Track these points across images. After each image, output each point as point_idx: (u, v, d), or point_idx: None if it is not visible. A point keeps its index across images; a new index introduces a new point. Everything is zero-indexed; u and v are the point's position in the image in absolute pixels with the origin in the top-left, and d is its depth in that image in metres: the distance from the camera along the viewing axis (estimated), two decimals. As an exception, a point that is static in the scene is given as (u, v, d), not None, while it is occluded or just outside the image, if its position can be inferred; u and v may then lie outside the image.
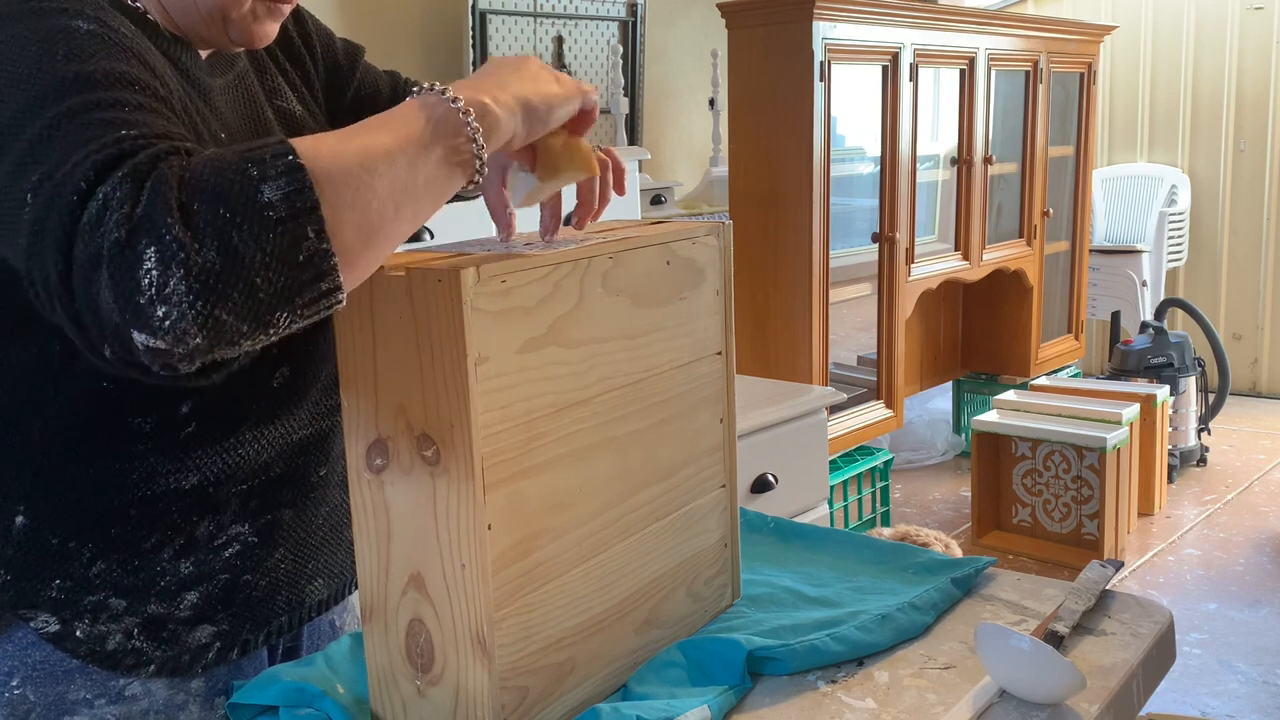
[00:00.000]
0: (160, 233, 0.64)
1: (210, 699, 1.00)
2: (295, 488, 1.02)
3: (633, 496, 0.99)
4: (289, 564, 1.03)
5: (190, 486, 0.95)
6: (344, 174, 0.70)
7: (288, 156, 0.68)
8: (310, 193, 0.67)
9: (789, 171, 3.31)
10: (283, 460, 1.00)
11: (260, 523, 1.00)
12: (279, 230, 0.66)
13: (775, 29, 3.26)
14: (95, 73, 0.76)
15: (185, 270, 0.64)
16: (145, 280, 0.64)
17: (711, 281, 1.08)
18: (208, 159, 0.68)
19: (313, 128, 1.09)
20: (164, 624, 0.96)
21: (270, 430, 0.98)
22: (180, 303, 0.64)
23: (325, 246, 0.68)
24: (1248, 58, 5.34)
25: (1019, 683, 0.93)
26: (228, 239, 0.65)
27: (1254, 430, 4.86)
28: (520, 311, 0.86)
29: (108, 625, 0.94)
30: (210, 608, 0.98)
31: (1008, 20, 4.12)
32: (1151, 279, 5.25)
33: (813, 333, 3.37)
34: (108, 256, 0.64)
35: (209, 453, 0.95)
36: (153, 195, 0.65)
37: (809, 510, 2.61)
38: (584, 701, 0.96)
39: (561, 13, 3.55)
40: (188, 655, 0.98)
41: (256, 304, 0.66)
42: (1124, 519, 3.60)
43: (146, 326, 0.64)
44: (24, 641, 0.94)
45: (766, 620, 1.08)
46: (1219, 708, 2.68)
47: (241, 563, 0.99)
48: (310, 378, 1.00)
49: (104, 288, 0.65)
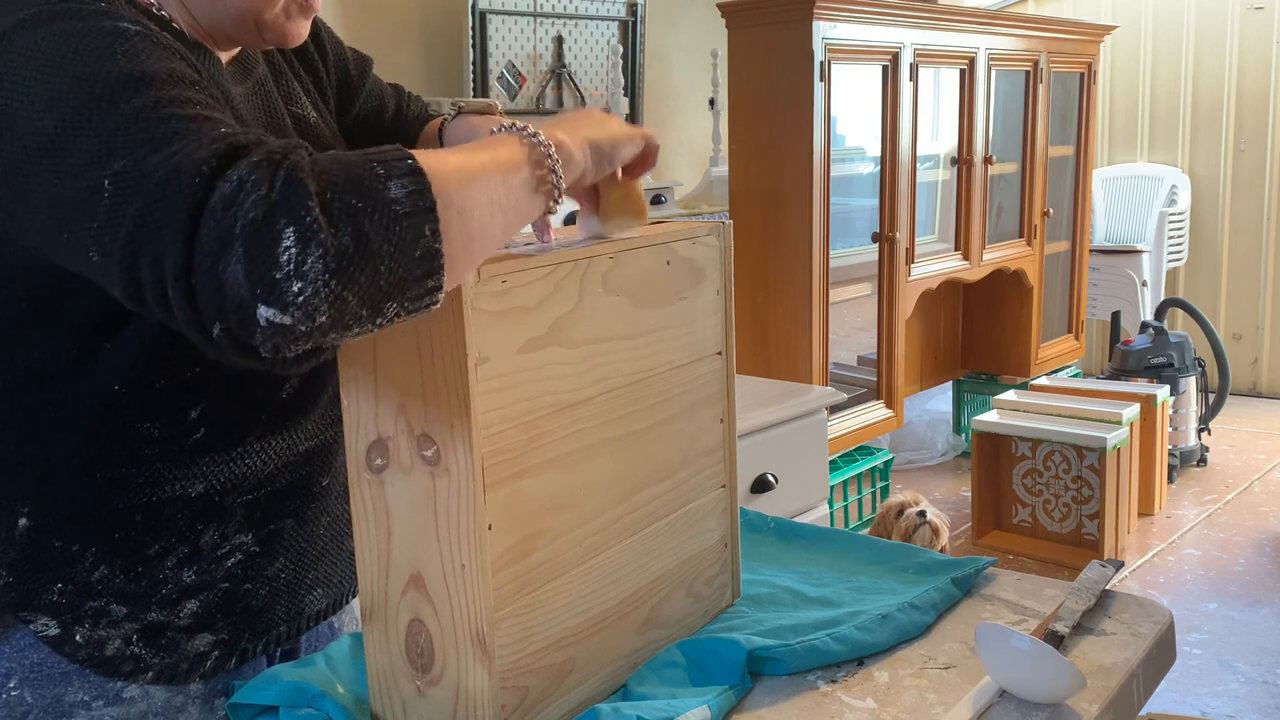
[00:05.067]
0: (300, 213, 0.67)
1: (210, 700, 1.00)
2: (299, 498, 1.02)
3: (633, 496, 0.99)
4: (289, 573, 1.04)
5: (196, 494, 0.95)
6: (453, 183, 0.74)
7: (408, 160, 0.72)
8: (429, 194, 0.72)
9: (789, 171, 3.31)
10: (288, 471, 1.00)
11: (263, 532, 1.00)
12: (404, 224, 0.70)
13: (775, 29, 3.26)
14: (160, 72, 0.78)
15: (324, 250, 0.67)
16: (284, 257, 0.66)
17: (711, 281, 1.08)
18: (333, 155, 0.72)
19: (326, 135, 1.10)
20: (163, 632, 0.96)
21: (277, 441, 0.99)
22: (316, 280, 0.67)
23: (438, 245, 0.72)
24: (1248, 58, 5.33)
25: (1019, 683, 0.93)
26: (360, 226, 0.68)
27: (1254, 430, 4.86)
28: (520, 311, 0.86)
29: (107, 631, 0.94)
30: (210, 616, 0.98)
31: (1008, 20, 4.12)
32: (1151, 279, 5.25)
33: (813, 333, 3.36)
34: (243, 234, 0.67)
35: (216, 461, 0.95)
36: (289, 179, 0.68)
37: (809, 510, 2.61)
38: (584, 701, 0.96)
39: (561, 13, 3.54)
40: (185, 664, 0.98)
41: (378, 291, 0.70)
42: (1124, 519, 3.60)
43: (279, 301, 0.67)
44: (22, 643, 0.94)
45: (766, 620, 1.08)
46: (1219, 708, 2.67)
47: (242, 571, 0.99)
48: (318, 390, 1.01)
49: (235, 264, 0.67)
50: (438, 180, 0.73)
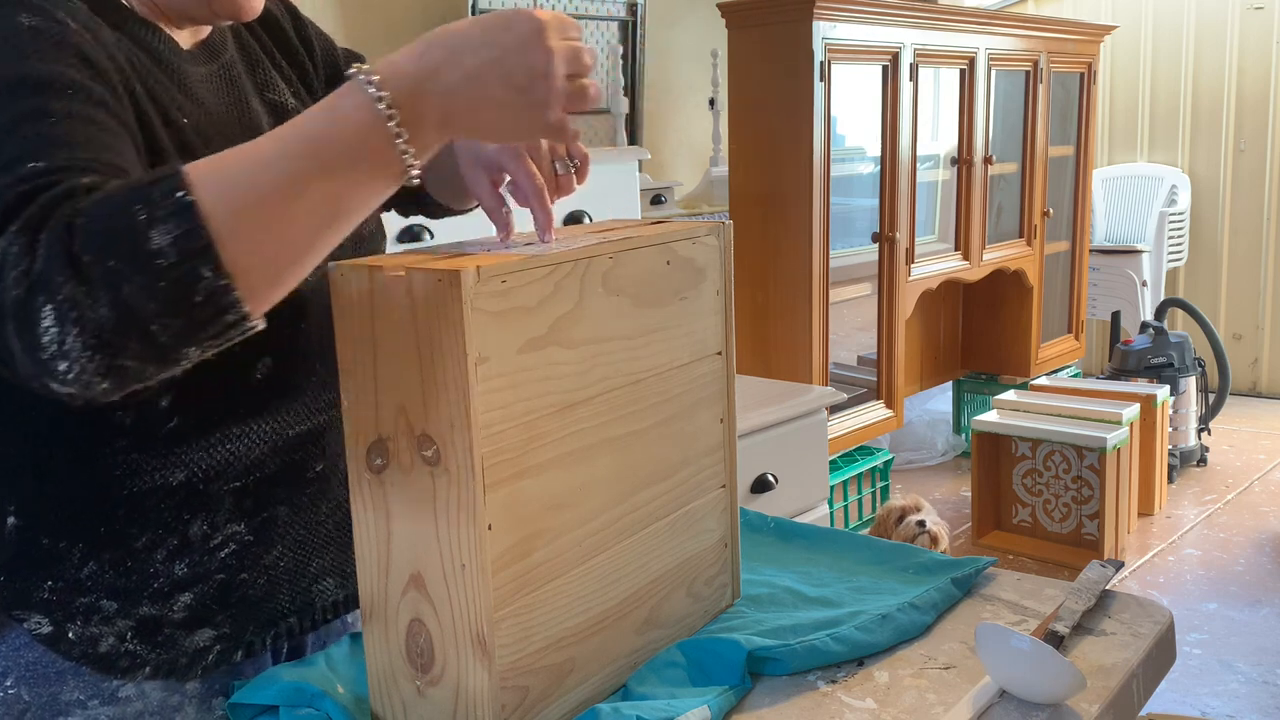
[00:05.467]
0: (54, 291, 0.65)
1: (207, 700, 0.98)
2: (290, 484, 1.00)
3: (633, 496, 0.99)
4: (289, 561, 1.01)
5: (178, 483, 0.93)
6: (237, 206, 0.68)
7: (177, 194, 0.67)
8: (201, 233, 0.67)
9: (789, 171, 3.31)
10: (277, 457, 0.98)
11: (256, 521, 0.98)
12: (171, 277, 0.66)
13: (775, 29, 3.26)
14: (28, 77, 0.75)
15: (80, 328, 0.65)
16: (46, 338, 0.65)
17: (711, 281, 1.08)
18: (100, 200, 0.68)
19: None
20: (159, 627, 0.95)
21: (261, 425, 0.96)
22: (79, 358, 0.66)
23: (224, 283, 0.67)
24: (1248, 58, 5.33)
25: (1019, 683, 0.93)
26: (118, 292, 0.65)
27: (1254, 430, 4.86)
28: (520, 311, 0.86)
29: (100, 628, 0.93)
30: (206, 609, 0.97)
31: (1008, 20, 4.12)
32: (1151, 279, 5.25)
33: (813, 333, 3.37)
34: (10, 312, 0.66)
35: (194, 448, 0.93)
36: (48, 249, 0.65)
37: (809, 510, 2.61)
38: (584, 701, 0.96)
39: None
40: (185, 659, 0.97)
41: (158, 348, 0.68)
42: (1124, 519, 3.60)
43: (55, 378, 0.66)
44: (18, 642, 0.94)
45: (766, 620, 1.08)
46: (1219, 708, 2.68)
47: (237, 562, 0.97)
48: (300, 371, 0.98)
49: (11, 337, 0.67)
50: (216, 211, 0.67)
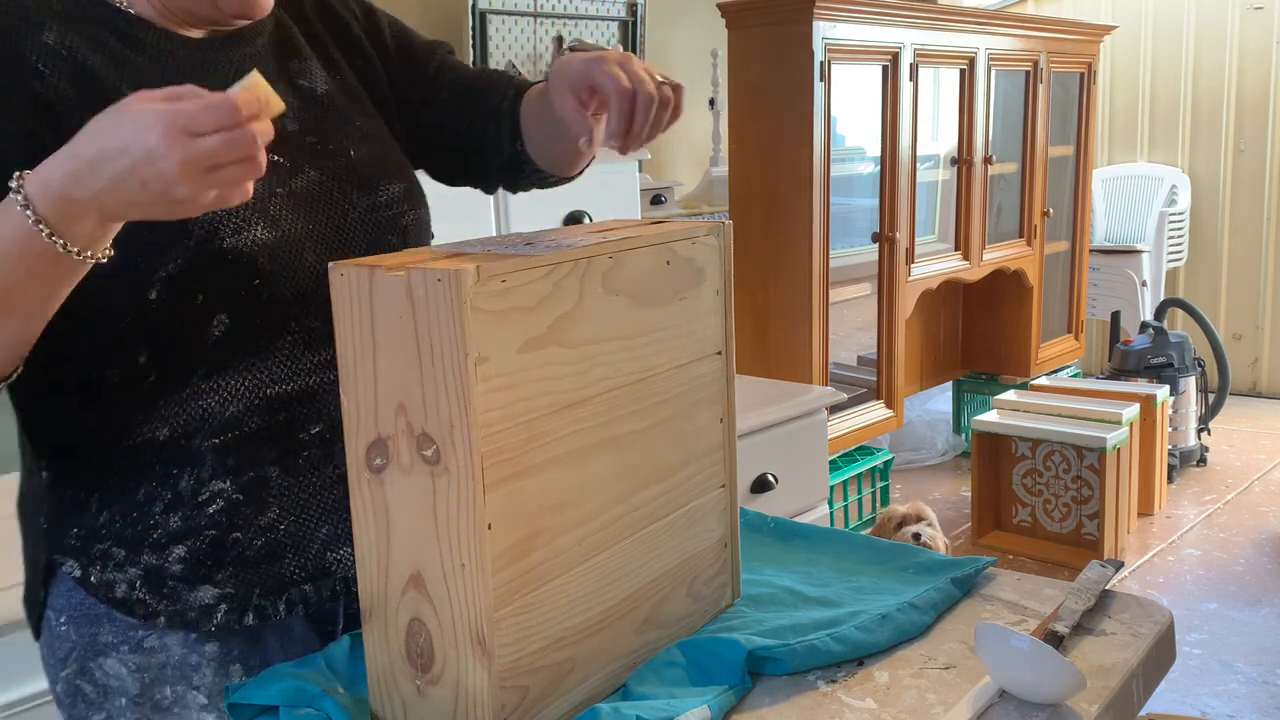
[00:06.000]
0: None
1: (224, 665, 1.02)
2: (279, 445, 1.01)
3: (633, 496, 0.99)
4: (289, 525, 1.03)
5: (164, 438, 0.98)
6: None
7: None
8: None
9: (789, 171, 3.31)
10: (256, 416, 1.00)
11: (243, 479, 1.00)
12: None
13: (775, 29, 3.26)
14: None
15: None
16: None
17: (711, 281, 1.08)
18: None
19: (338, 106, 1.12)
20: (161, 578, 1.00)
21: (230, 382, 0.99)
22: None
23: None
24: (1248, 58, 5.34)
25: (1019, 683, 0.93)
26: None
27: (1254, 430, 4.86)
28: (520, 311, 0.86)
29: (113, 574, 1.00)
30: (201, 565, 1.00)
31: (1008, 20, 4.12)
32: (1151, 279, 5.25)
33: (813, 333, 3.37)
34: None
35: (170, 403, 0.98)
36: None
37: (809, 510, 2.61)
38: (584, 701, 0.96)
39: (561, 13, 3.55)
40: (193, 613, 1.01)
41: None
42: (1124, 519, 3.60)
43: None
44: (66, 585, 1.02)
45: (766, 620, 1.08)
46: (1219, 708, 2.68)
47: (227, 520, 1.00)
48: (266, 330, 0.99)
49: None
50: None
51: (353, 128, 1.11)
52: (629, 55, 0.99)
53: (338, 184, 1.07)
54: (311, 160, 1.06)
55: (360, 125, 1.12)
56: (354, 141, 1.10)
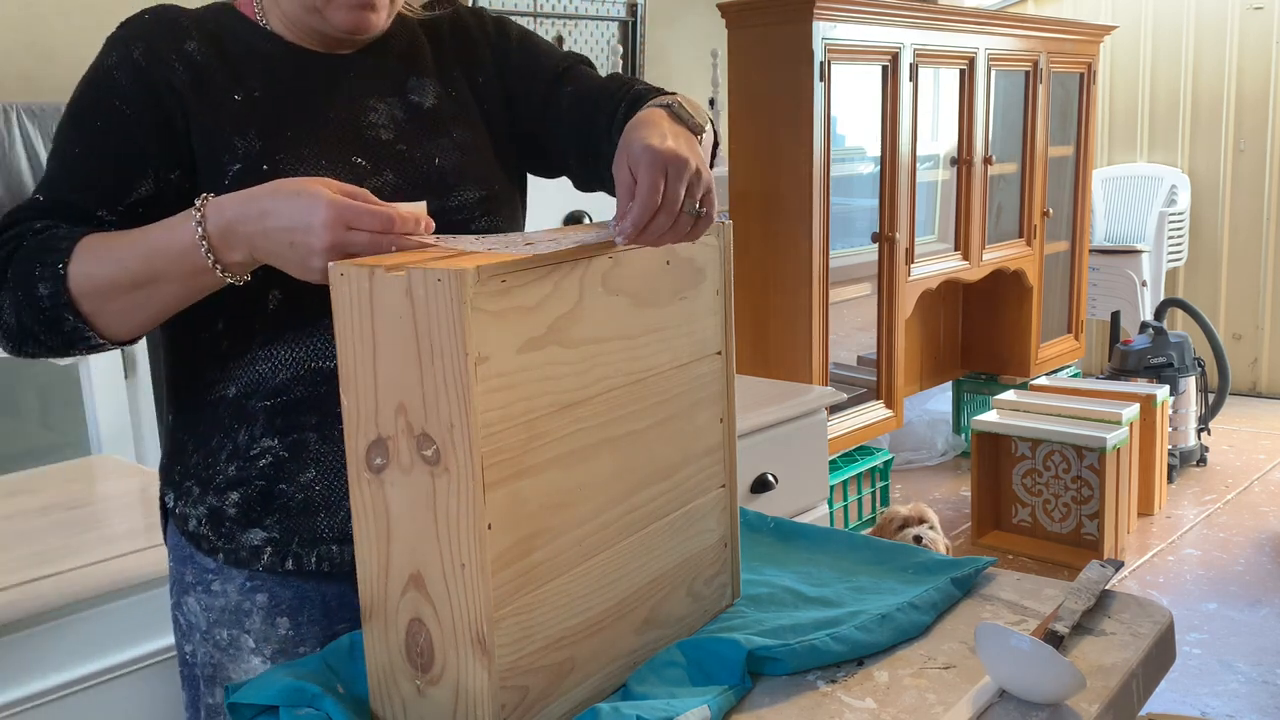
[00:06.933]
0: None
1: (271, 616, 1.13)
2: (318, 414, 1.11)
3: (633, 496, 0.99)
4: (323, 487, 1.11)
5: (232, 396, 1.12)
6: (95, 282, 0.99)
7: (58, 265, 0.99)
8: (64, 294, 0.99)
9: (789, 171, 3.31)
10: (301, 385, 1.10)
11: (288, 440, 1.11)
12: (48, 315, 1.00)
13: (775, 29, 3.26)
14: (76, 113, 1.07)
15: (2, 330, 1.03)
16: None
17: (711, 281, 1.08)
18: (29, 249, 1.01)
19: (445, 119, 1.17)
20: (220, 519, 1.13)
21: (281, 352, 1.10)
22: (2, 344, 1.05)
23: (81, 325, 1.01)
24: (1248, 58, 5.34)
25: (1019, 683, 0.93)
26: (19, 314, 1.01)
27: (1254, 430, 4.86)
28: (520, 311, 0.86)
29: (189, 508, 1.14)
30: (252, 510, 1.12)
31: (1008, 20, 4.12)
32: (1151, 279, 5.25)
33: (813, 333, 3.37)
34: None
35: (236, 366, 1.12)
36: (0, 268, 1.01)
37: (809, 510, 2.61)
38: (584, 701, 0.96)
39: (561, 13, 3.55)
40: (245, 552, 1.12)
41: (48, 349, 1.04)
42: (1124, 519, 3.60)
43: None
44: (170, 521, 1.19)
45: (766, 620, 1.08)
46: (1219, 708, 2.68)
47: (275, 473, 1.11)
48: (310, 307, 1.08)
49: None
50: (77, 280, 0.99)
51: (447, 139, 1.17)
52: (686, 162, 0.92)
53: (411, 187, 1.12)
54: (393, 165, 1.13)
55: (456, 136, 1.17)
56: (442, 150, 1.16)
